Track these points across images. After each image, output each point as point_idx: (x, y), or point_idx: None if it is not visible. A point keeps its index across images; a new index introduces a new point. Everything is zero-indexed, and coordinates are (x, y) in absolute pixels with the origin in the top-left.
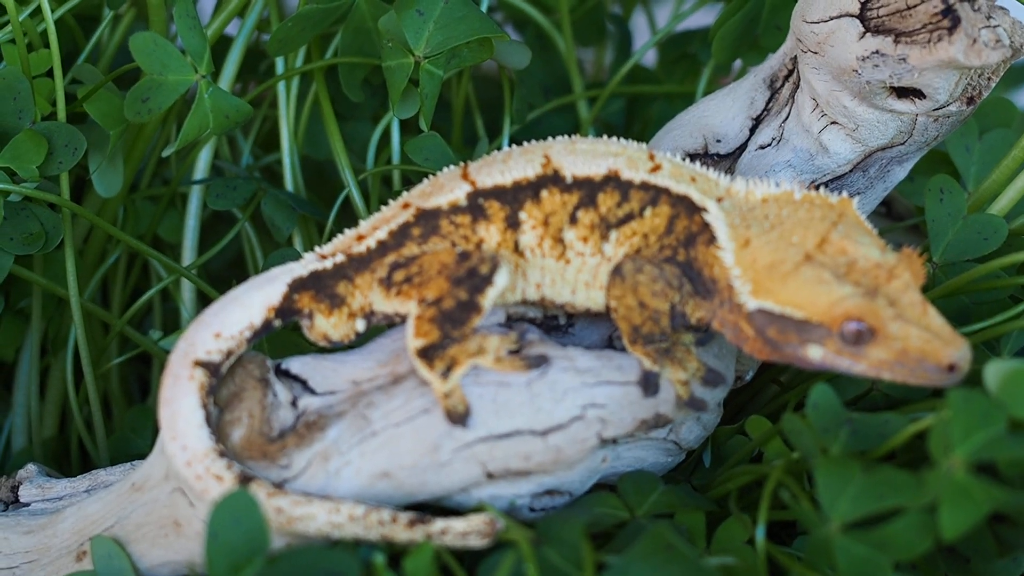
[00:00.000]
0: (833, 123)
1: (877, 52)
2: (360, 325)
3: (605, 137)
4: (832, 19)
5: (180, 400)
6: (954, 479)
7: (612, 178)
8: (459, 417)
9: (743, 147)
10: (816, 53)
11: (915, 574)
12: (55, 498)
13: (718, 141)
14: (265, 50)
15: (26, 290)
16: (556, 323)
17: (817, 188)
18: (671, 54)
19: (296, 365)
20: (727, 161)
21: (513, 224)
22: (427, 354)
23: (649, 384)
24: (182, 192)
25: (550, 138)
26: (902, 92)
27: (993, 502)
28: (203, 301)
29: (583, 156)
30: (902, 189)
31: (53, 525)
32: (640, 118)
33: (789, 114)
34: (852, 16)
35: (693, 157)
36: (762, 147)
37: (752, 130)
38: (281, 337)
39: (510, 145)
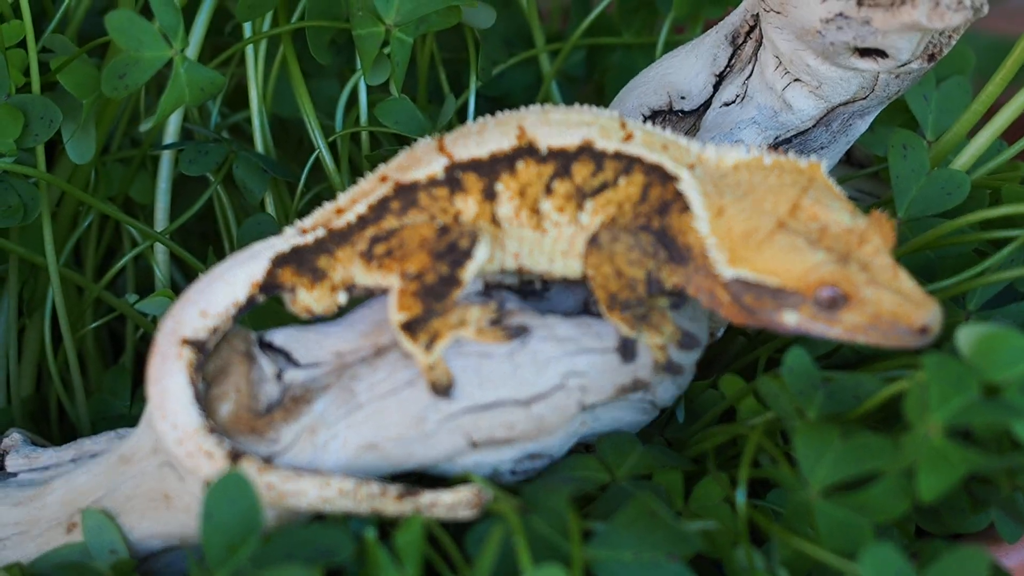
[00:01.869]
0: (796, 80)
1: (841, 15)
2: (342, 298)
3: (577, 106)
4: None
5: (169, 379)
6: (931, 444)
7: (586, 148)
8: (443, 389)
9: (707, 104)
10: (779, 13)
11: (887, 526)
12: (41, 468)
13: (682, 98)
14: (230, 9)
15: (2, 256)
16: (532, 288)
17: (783, 148)
18: (630, 2)
19: (279, 337)
20: (692, 118)
21: (490, 196)
22: (410, 327)
23: (627, 350)
24: (153, 154)
25: (522, 107)
26: (865, 51)
27: (969, 465)
28: (176, 263)
29: (557, 127)
30: (862, 139)
31: (42, 497)
32: (600, 67)
33: (752, 71)
34: None
35: (658, 114)
36: (726, 104)
37: (716, 87)
38: (262, 307)
39: (476, 103)
